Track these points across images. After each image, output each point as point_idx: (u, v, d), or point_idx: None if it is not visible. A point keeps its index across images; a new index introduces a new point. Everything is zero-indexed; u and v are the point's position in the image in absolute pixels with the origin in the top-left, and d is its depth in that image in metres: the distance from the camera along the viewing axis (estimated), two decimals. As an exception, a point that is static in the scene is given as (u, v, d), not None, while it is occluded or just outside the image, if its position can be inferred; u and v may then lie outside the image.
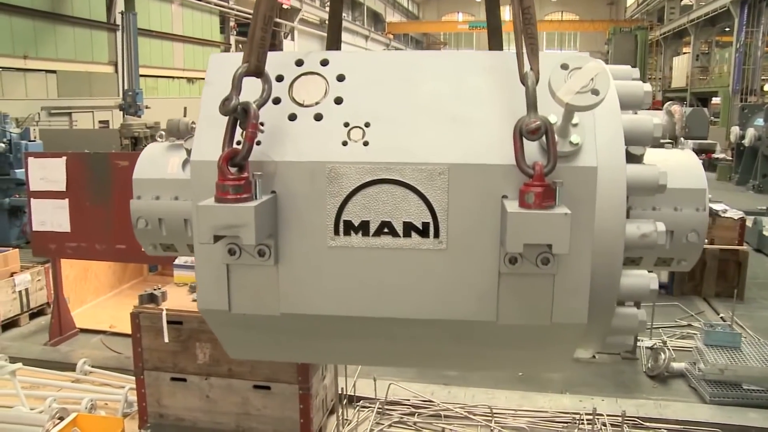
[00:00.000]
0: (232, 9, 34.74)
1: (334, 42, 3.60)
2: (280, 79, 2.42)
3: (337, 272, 2.31)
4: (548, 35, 76.49)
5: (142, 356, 5.92)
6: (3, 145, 14.43)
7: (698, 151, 25.88)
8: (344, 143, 2.27)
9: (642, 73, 37.51)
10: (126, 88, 22.26)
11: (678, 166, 2.62)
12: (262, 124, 2.30)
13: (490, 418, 6.59)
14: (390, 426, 6.52)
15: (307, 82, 2.40)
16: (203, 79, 2.44)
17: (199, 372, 5.82)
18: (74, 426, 5.98)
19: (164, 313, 5.72)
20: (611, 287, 2.33)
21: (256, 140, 2.27)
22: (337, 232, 2.27)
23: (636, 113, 2.64)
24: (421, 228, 2.22)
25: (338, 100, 2.35)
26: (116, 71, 27.24)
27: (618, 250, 2.30)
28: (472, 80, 2.36)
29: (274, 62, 2.40)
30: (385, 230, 2.25)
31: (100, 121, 25.49)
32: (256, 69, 2.28)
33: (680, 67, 46.35)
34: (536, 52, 2.15)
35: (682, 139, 3.00)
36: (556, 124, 2.14)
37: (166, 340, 5.75)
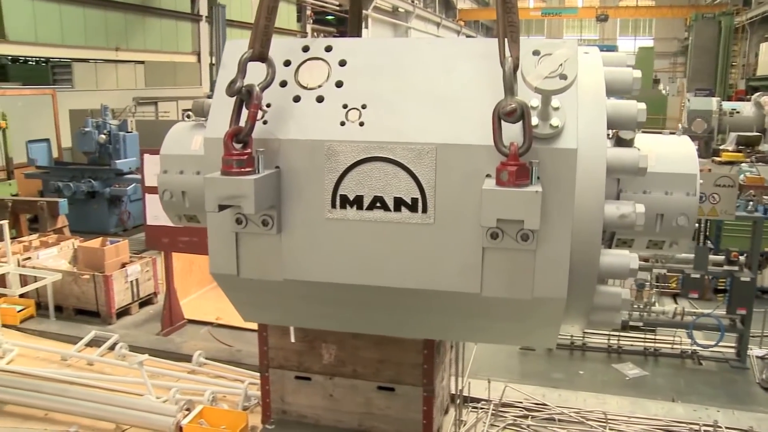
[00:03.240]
0: (309, -2, 35.17)
1: (354, 28, 3.75)
2: (287, 63, 2.63)
3: (333, 242, 2.51)
4: (622, 22, 74.38)
5: (268, 354, 6.11)
6: (104, 136, 14.99)
7: (791, 145, 24.80)
8: (342, 123, 2.47)
9: (725, 61, 35.95)
10: (215, 78, 22.75)
11: (671, 151, 2.73)
12: (268, 105, 2.52)
13: (604, 424, 6.57)
14: (504, 428, 6.56)
15: (311, 67, 2.60)
16: None
17: (323, 372, 5.98)
18: (201, 418, 6.24)
19: (292, 313, 5.88)
20: (590, 264, 2.43)
21: (263, 120, 2.50)
22: (333, 205, 2.47)
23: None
24: (410, 203, 2.39)
25: (339, 84, 2.54)
26: (198, 61, 27.89)
27: (597, 229, 2.40)
28: (463, 66, 2.50)
29: (282, 48, 2.61)
30: (378, 204, 2.43)
31: (184, 110, 26.16)
32: (260, 54, 2.49)
33: (767, 53, 44.47)
34: (516, 39, 2.25)
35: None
36: (538, 108, 2.23)
37: (293, 340, 5.91)
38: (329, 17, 41.06)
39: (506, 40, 2.29)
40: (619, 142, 2.56)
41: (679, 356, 8.47)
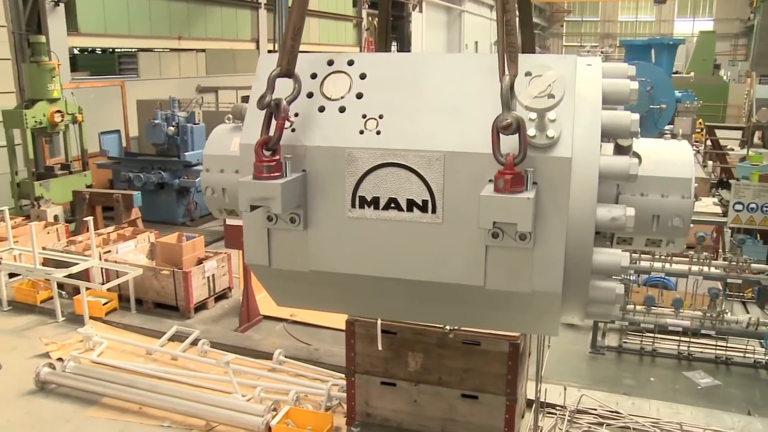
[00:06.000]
0: (364, -17, 35.18)
1: (382, 43, 3.94)
2: (314, 76, 2.88)
3: (353, 238, 2.78)
4: (680, 2, 72.40)
5: (355, 360, 6.35)
6: (173, 128, 15.38)
7: None
8: (361, 132, 2.72)
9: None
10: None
11: (668, 157, 2.94)
12: (296, 115, 2.78)
13: (679, 436, 6.65)
14: (580, 436, 6.70)
15: (335, 80, 2.85)
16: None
17: (409, 378, 6.20)
18: (287, 418, 6.52)
19: (379, 322, 6.10)
20: (584, 262, 2.65)
21: (291, 128, 2.76)
22: (354, 205, 2.73)
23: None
24: (421, 204, 2.65)
25: (359, 95, 2.79)
26: (257, 48, 28.21)
27: (589, 230, 2.60)
28: (472, 79, 2.73)
29: (309, 62, 2.88)
30: (392, 205, 2.69)
31: (242, 98, 26.56)
32: (287, 71, 2.76)
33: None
34: (514, 59, 2.49)
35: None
36: (535, 120, 2.46)
37: (380, 347, 6.14)
38: (383, 2, 41.00)
39: (506, 58, 2.52)
40: (618, 149, 2.77)
41: (752, 366, 8.44)
